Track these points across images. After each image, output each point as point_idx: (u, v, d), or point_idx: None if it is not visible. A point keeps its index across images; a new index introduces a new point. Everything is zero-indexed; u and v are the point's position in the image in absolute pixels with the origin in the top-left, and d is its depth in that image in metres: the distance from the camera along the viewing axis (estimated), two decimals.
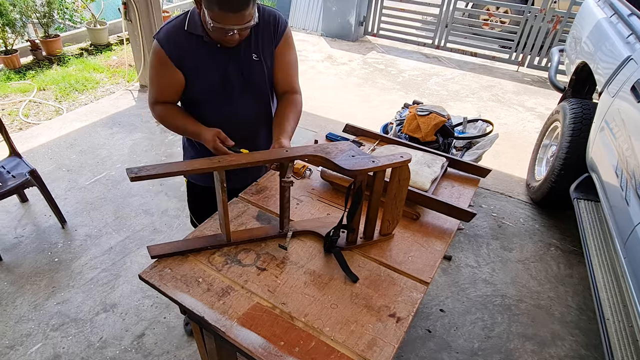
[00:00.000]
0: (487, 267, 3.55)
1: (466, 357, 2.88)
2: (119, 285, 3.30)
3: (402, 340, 1.54)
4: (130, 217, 3.93)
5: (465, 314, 3.17)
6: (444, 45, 8.01)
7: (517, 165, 4.82)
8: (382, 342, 1.51)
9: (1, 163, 3.73)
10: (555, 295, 3.35)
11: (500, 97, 6.51)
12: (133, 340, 2.91)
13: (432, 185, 2.25)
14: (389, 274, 1.79)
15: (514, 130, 5.58)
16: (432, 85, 6.84)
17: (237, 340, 1.50)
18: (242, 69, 2.11)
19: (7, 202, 4.00)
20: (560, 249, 3.77)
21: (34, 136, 5.17)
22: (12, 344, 2.87)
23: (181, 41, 2.00)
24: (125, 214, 3.96)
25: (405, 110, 4.09)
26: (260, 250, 1.88)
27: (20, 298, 3.18)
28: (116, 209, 4.03)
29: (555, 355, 2.93)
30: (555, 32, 6.98)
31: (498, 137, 4.00)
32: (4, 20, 6.47)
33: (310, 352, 1.47)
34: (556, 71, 4.76)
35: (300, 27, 9.28)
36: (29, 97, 6.05)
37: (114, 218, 3.91)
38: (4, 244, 3.63)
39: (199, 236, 1.94)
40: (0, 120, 3.62)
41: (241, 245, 1.90)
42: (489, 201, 4.28)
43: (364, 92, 6.51)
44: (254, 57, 2.11)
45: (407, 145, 2.56)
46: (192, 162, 1.65)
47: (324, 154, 1.74)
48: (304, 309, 1.62)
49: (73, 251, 3.59)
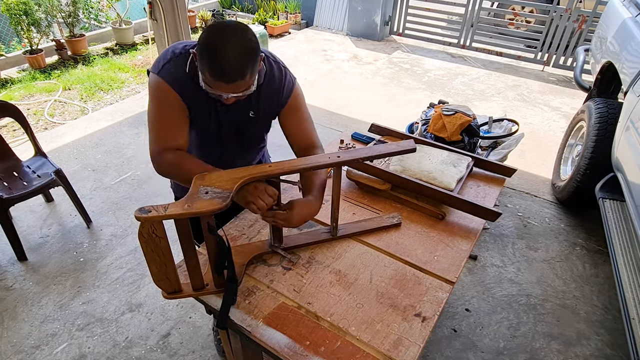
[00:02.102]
0: (513, 267, 3.50)
1: (492, 357, 2.84)
2: (144, 285, 3.29)
3: (428, 340, 1.53)
4: None
5: (491, 313, 3.13)
6: (469, 45, 7.92)
7: (543, 165, 4.75)
8: (408, 341, 1.49)
9: (27, 163, 3.74)
10: (581, 294, 3.30)
11: (525, 96, 6.41)
12: (159, 340, 2.90)
13: (457, 184, 2.23)
14: (414, 274, 1.77)
15: (539, 129, 5.50)
16: (458, 84, 6.77)
17: (263, 340, 1.50)
18: (238, 122, 1.94)
19: (32, 202, 3.99)
20: (585, 249, 3.70)
21: (59, 136, 5.16)
22: (38, 344, 2.86)
23: (183, 82, 1.76)
24: None
25: (431, 110, 4.06)
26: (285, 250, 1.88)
27: (46, 298, 3.17)
28: None
29: (580, 354, 2.88)
30: (581, 32, 6.86)
31: (523, 136, 3.94)
32: (29, 20, 6.51)
33: (336, 351, 1.46)
34: (581, 71, 4.69)
35: (325, 27, 9.26)
36: (54, 96, 6.07)
37: None
38: (29, 244, 3.62)
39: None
40: (26, 119, 3.62)
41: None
42: (514, 201, 4.22)
43: (389, 92, 6.47)
44: (250, 114, 1.93)
45: (433, 144, 2.53)
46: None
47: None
48: (330, 308, 1.61)
49: (98, 251, 3.59)
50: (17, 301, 3.14)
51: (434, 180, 2.19)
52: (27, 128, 3.66)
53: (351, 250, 1.88)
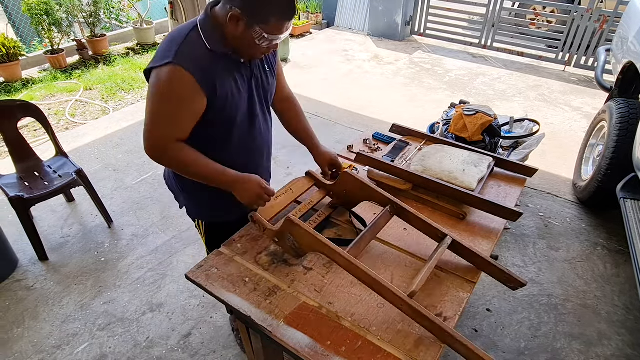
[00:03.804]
0: (534, 267, 3.45)
1: (513, 357, 2.80)
2: (165, 285, 3.28)
3: None
4: (177, 217, 3.88)
5: (512, 313, 3.09)
6: (490, 45, 7.84)
7: (564, 165, 4.68)
8: (429, 341, 1.48)
9: (48, 163, 3.75)
10: (602, 294, 3.24)
11: (546, 96, 6.33)
12: (180, 340, 2.89)
13: (478, 184, 2.20)
14: (435, 274, 1.75)
15: (560, 130, 5.42)
16: (479, 84, 6.71)
17: (284, 340, 1.49)
18: (263, 84, 1.92)
19: (53, 202, 3.98)
20: (607, 249, 3.64)
21: (80, 136, 5.18)
22: (59, 344, 2.86)
23: (207, 64, 1.66)
24: (172, 213, 3.92)
25: (452, 110, 4.03)
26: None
27: (67, 298, 3.17)
28: (162, 209, 4.00)
29: (601, 354, 2.83)
30: (602, 32, 6.75)
31: (544, 136, 3.89)
32: (51, 20, 6.54)
33: (357, 351, 1.45)
34: (603, 71, 4.62)
35: (346, 27, 9.25)
36: (75, 96, 6.08)
37: (160, 218, 3.89)
38: (50, 244, 3.62)
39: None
40: (47, 120, 3.64)
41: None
42: (535, 201, 4.17)
43: (410, 92, 6.43)
44: (266, 68, 1.93)
45: (454, 145, 2.51)
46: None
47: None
48: (351, 308, 1.60)
49: (119, 251, 3.58)
50: (38, 301, 3.15)
51: (455, 180, 2.17)
52: (48, 128, 3.68)
53: (372, 251, 1.87)
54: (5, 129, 3.57)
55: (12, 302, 3.14)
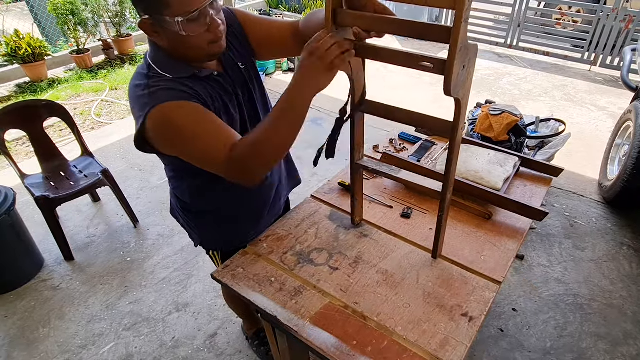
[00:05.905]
0: (560, 267, 3.39)
1: (539, 357, 2.76)
2: (191, 285, 3.27)
3: (475, 340, 1.48)
4: None
5: (538, 313, 3.04)
6: (516, 45, 7.71)
7: (590, 165, 4.59)
8: (455, 341, 1.45)
9: (73, 162, 3.76)
10: (628, 294, 3.17)
11: (572, 96, 6.21)
12: (205, 339, 2.88)
13: (504, 184, 2.17)
14: (461, 273, 1.73)
15: (586, 129, 5.32)
16: (505, 84, 6.61)
17: (310, 340, 1.48)
18: (245, 84, 1.70)
19: (79, 202, 3.97)
20: (633, 249, 3.56)
21: (105, 135, 5.18)
22: (85, 344, 2.87)
23: (185, 88, 1.44)
24: None
25: (478, 110, 3.99)
26: (332, 250, 1.85)
27: (93, 297, 3.19)
28: None
29: (627, 354, 2.77)
30: (628, 32, 6.60)
31: (570, 136, 3.83)
32: (76, 20, 6.55)
33: (383, 351, 1.43)
34: (629, 70, 4.52)
35: None
36: (101, 96, 6.07)
37: None
38: (76, 244, 3.64)
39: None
40: (73, 119, 3.66)
41: (314, 244, 1.88)
42: (561, 200, 4.10)
43: (436, 92, 6.34)
44: (240, 65, 1.67)
45: (480, 144, 2.48)
46: None
47: None
48: (377, 308, 1.58)
49: (145, 251, 3.58)
50: (64, 301, 3.18)
51: (481, 180, 2.14)
52: (73, 128, 3.69)
53: (398, 250, 1.85)
54: (31, 129, 3.59)
55: (38, 302, 3.17)
